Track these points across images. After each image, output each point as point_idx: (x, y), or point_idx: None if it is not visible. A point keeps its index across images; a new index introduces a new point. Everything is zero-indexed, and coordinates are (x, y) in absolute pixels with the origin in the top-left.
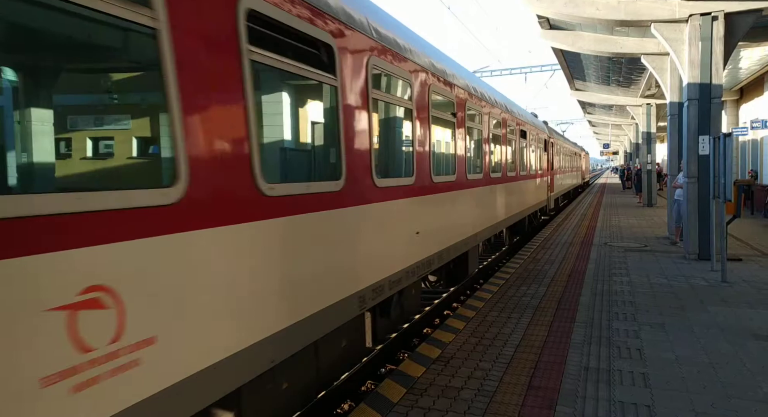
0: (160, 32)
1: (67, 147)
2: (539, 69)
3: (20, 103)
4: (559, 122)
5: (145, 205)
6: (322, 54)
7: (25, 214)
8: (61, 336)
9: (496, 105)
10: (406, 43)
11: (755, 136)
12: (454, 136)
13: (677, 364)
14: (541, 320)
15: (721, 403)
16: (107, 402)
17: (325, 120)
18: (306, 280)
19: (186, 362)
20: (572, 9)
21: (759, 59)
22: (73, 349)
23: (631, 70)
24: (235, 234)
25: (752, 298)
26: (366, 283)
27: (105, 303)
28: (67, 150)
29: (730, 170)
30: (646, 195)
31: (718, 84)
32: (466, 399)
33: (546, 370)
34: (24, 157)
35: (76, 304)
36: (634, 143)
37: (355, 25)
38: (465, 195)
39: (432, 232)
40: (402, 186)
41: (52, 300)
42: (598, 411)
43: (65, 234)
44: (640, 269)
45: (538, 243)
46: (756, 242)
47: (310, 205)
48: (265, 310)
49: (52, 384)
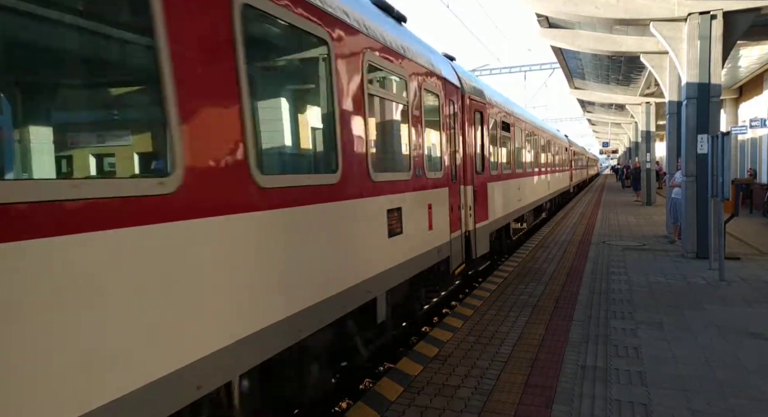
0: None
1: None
2: (539, 67)
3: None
4: (557, 120)
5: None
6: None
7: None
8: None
9: (546, 132)
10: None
11: (754, 134)
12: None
13: (674, 362)
14: (539, 319)
15: (717, 402)
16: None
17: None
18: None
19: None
20: (571, 7)
21: (758, 58)
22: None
23: (630, 69)
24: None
25: (750, 296)
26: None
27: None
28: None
29: (728, 169)
30: (645, 193)
31: (716, 83)
32: (463, 397)
33: (543, 368)
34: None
35: None
36: (634, 142)
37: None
38: (539, 178)
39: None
40: (503, 174)
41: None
42: (595, 409)
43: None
44: (639, 268)
45: (537, 241)
46: (754, 241)
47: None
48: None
49: None
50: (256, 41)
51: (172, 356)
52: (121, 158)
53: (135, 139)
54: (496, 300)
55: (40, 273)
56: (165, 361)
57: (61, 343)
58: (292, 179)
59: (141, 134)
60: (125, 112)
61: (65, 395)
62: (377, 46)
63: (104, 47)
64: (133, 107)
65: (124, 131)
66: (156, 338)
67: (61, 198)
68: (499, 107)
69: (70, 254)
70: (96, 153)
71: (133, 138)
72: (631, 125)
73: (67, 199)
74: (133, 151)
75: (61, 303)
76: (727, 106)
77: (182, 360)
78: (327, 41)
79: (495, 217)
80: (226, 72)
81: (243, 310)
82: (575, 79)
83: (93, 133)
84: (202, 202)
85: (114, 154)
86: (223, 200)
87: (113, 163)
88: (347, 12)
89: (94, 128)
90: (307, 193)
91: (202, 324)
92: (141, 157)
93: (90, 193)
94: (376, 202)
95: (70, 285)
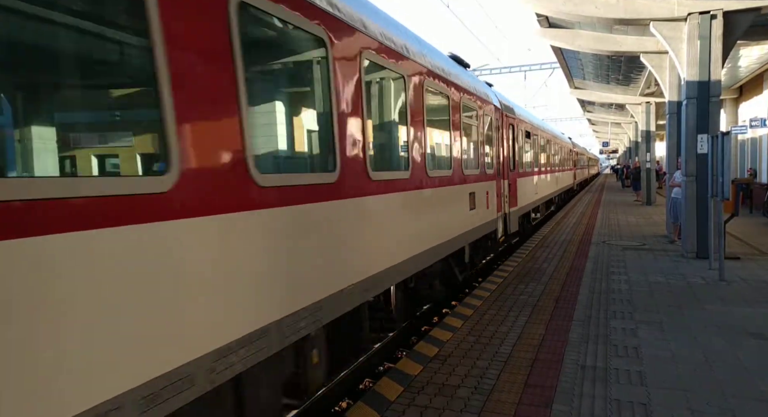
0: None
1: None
2: (539, 67)
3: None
4: (557, 119)
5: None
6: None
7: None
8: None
9: (557, 138)
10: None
11: (754, 134)
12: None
13: (674, 362)
14: (539, 318)
15: (717, 402)
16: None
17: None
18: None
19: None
20: (571, 7)
21: (758, 58)
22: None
23: (630, 69)
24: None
25: (750, 296)
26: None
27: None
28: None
29: (728, 169)
30: (645, 193)
31: (716, 82)
32: (463, 397)
33: (543, 368)
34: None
35: None
36: (633, 141)
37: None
38: (551, 176)
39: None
40: (526, 172)
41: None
42: (595, 409)
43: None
44: (639, 268)
45: (537, 241)
46: (754, 241)
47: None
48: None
49: None
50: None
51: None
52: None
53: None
54: (496, 300)
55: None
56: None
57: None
58: (439, 172)
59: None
60: (123, 113)
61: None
62: (464, 88)
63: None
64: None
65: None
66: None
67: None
68: (524, 120)
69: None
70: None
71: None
72: (631, 125)
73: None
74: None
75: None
76: (727, 105)
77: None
78: (449, 96)
79: (522, 205)
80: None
81: (403, 246)
82: (575, 78)
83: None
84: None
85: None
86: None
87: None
88: (443, 68)
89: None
90: (444, 182)
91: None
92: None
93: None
94: (465, 188)
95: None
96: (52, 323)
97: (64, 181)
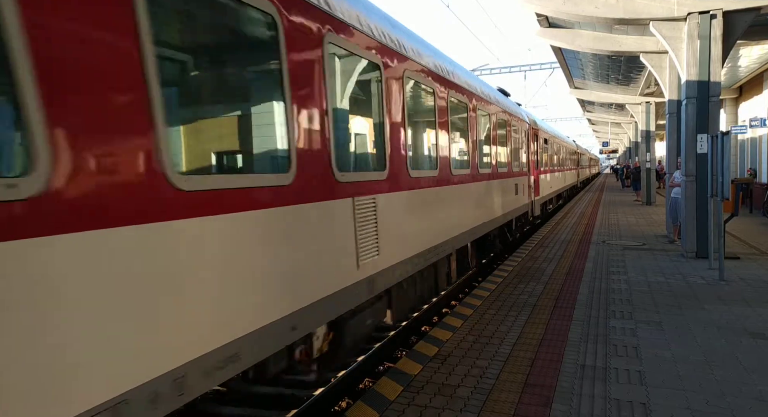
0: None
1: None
2: (539, 67)
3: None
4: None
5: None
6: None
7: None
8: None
9: (565, 143)
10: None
11: (754, 134)
12: (558, 154)
13: (673, 362)
14: (539, 318)
15: (716, 401)
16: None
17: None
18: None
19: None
20: (571, 7)
21: (758, 57)
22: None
23: (630, 69)
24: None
25: (749, 296)
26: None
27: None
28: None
29: (728, 168)
30: (644, 193)
31: (716, 82)
32: (463, 397)
33: (543, 367)
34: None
35: None
36: (633, 141)
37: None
38: (560, 174)
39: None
40: (544, 170)
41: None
42: (594, 409)
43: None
44: (638, 267)
45: (537, 241)
46: (754, 240)
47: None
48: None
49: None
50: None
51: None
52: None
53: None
54: (496, 299)
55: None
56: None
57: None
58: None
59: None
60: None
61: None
62: (510, 113)
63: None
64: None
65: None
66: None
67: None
68: (542, 129)
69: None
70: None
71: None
72: (631, 125)
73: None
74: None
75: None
76: (726, 105)
77: (430, 242)
78: (506, 121)
79: (542, 195)
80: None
81: (481, 216)
82: (575, 78)
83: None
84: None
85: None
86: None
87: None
88: (499, 100)
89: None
90: (484, 177)
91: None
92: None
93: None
94: (512, 180)
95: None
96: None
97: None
